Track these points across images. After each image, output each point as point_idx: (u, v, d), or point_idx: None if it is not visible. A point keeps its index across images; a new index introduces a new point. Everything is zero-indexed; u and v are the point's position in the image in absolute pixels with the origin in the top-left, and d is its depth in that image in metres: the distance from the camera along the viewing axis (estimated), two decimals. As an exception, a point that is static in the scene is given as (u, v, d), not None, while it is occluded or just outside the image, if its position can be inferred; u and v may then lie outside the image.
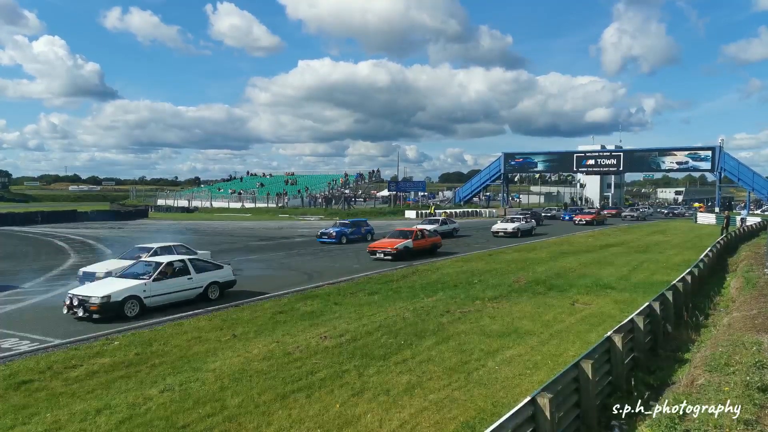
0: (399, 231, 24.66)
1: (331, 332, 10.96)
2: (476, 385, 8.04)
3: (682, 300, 11.58)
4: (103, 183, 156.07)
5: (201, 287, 14.10)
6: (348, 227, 30.10)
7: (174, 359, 9.41)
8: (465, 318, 12.17)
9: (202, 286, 14.12)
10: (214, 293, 14.39)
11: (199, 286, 14.06)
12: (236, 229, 41.58)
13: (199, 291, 14.06)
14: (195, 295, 13.98)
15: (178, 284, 13.55)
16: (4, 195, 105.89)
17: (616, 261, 21.66)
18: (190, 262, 14.20)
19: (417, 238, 23.61)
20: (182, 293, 13.70)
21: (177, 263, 13.98)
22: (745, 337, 8.01)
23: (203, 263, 14.80)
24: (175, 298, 13.49)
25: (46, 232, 37.87)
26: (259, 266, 21.22)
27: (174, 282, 13.47)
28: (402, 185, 67.79)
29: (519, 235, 32.57)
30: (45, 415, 7.13)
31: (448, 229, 33.02)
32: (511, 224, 34.03)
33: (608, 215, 55.14)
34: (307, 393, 7.79)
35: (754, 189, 58.55)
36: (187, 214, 64.11)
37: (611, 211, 61.28)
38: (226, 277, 14.89)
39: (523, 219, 35.99)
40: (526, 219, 36.32)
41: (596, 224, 44.36)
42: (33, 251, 26.59)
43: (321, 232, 30.03)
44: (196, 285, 14.03)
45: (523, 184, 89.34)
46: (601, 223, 46.27)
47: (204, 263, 14.83)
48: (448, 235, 31.75)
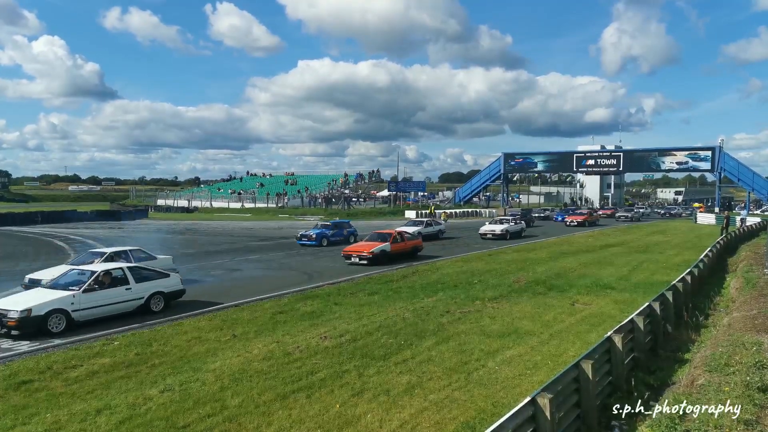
0: (377, 234, 23.42)
1: (331, 332, 10.97)
2: (476, 386, 8.04)
3: (682, 300, 11.58)
4: (103, 183, 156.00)
5: (142, 298, 12.88)
6: (329, 229, 28.94)
7: (174, 359, 9.41)
8: (465, 318, 12.18)
9: (143, 297, 12.90)
10: (157, 305, 13.18)
11: (138, 297, 12.83)
12: (236, 229, 41.58)
13: (139, 303, 12.84)
14: (134, 307, 12.79)
15: (113, 295, 12.30)
16: (4, 195, 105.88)
17: (616, 261, 21.66)
18: (129, 270, 13.03)
19: (396, 241, 22.37)
20: (118, 305, 12.44)
21: (115, 271, 12.76)
22: (745, 337, 8.01)
23: (147, 271, 13.57)
24: (109, 311, 12.24)
25: (45, 232, 37.86)
26: (259, 266, 21.22)
27: (108, 293, 12.22)
28: (402, 185, 67.81)
29: (508, 238, 31.42)
30: (45, 415, 7.13)
31: (433, 231, 31.90)
32: (500, 226, 32.63)
33: (603, 216, 54.22)
34: (307, 393, 7.79)
35: (754, 189, 58.55)
36: (186, 214, 64.10)
37: (606, 212, 60.80)
38: (172, 287, 13.63)
39: (512, 220, 34.76)
40: (515, 220, 35.12)
41: (588, 225, 42.96)
42: (33, 251, 26.60)
43: (301, 234, 28.72)
44: (136, 296, 12.80)
45: (523, 184, 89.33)
46: (593, 224, 44.63)
47: (149, 271, 13.59)
48: (433, 237, 30.92)
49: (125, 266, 13.32)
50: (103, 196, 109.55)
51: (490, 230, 32.12)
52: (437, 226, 32.92)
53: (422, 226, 31.12)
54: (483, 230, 32.50)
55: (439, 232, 32.55)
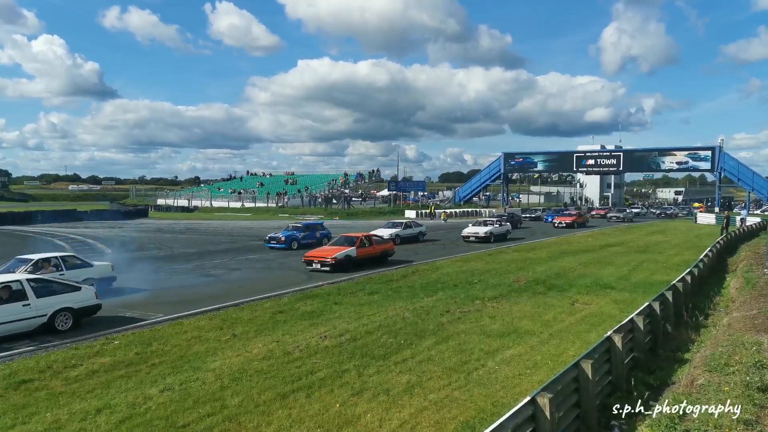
0: (343, 237, 21.66)
1: (331, 332, 10.97)
2: (476, 385, 8.04)
3: (682, 300, 11.59)
4: (103, 182, 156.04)
5: (44, 315, 11.10)
6: (300, 231, 26.88)
7: (174, 359, 9.41)
8: (465, 318, 12.18)
9: (45, 315, 11.12)
10: (64, 323, 11.40)
11: (40, 315, 11.06)
12: (236, 228, 41.58)
13: (41, 321, 11.08)
14: (35, 326, 10.99)
15: (4, 313, 10.56)
16: (4, 194, 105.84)
17: (615, 261, 21.67)
18: (30, 283, 11.21)
19: (362, 246, 20.43)
20: (11, 325, 10.68)
21: (13, 284, 11.05)
22: (745, 337, 8.01)
23: (55, 284, 11.80)
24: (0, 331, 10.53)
25: (46, 232, 37.86)
26: (259, 266, 21.22)
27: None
28: (402, 185, 67.77)
29: (492, 240, 29.40)
30: (45, 414, 7.13)
31: (413, 233, 30.19)
32: (484, 228, 30.82)
33: (595, 216, 52.88)
34: (307, 392, 7.80)
35: (754, 189, 58.53)
36: (186, 213, 64.11)
37: (600, 211, 59.90)
38: (83, 302, 11.83)
39: (497, 222, 32.95)
40: (500, 222, 33.28)
41: (577, 227, 40.71)
42: (33, 251, 26.55)
43: (269, 236, 26.76)
44: (36, 313, 11.00)
45: (523, 184, 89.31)
46: (582, 225, 42.30)
47: (57, 284, 11.83)
48: (413, 240, 29.62)
49: (24, 278, 11.48)
50: (103, 196, 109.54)
51: (473, 233, 30.31)
52: (417, 228, 31.00)
53: (401, 228, 29.80)
54: (466, 232, 30.75)
55: (420, 234, 30.77)
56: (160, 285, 16.84)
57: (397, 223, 31.40)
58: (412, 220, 33.90)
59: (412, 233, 30.29)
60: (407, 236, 29.51)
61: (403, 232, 29.42)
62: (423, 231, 31.31)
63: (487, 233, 29.95)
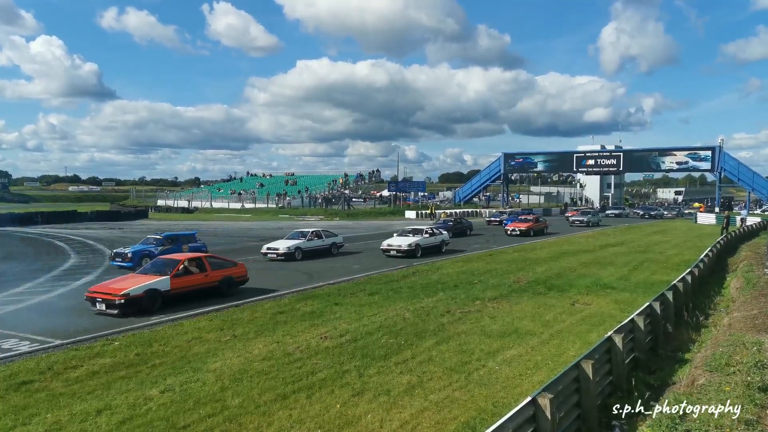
0: (161, 260, 14.99)
1: (332, 332, 10.97)
2: (477, 386, 8.04)
3: (683, 300, 11.60)
4: (103, 183, 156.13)
5: None
6: (157, 245, 20.64)
7: (174, 360, 9.41)
8: (465, 318, 12.18)
9: None
10: None
11: None
12: (236, 229, 41.58)
13: None
14: None
15: None
16: (5, 195, 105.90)
17: (616, 261, 21.67)
18: None
19: (179, 275, 14.00)
20: None
21: None
22: (746, 337, 8.01)
23: None
24: None
25: (46, 233, 37.86)
26: (258, 266, 21.20)
27: None
28: (402, 185, 67.81)
29: (419, 255, 23.47)
30: (45, 415, 7.13)
31: (324, 245, 24.02)
32: (409, 239, 24.16)
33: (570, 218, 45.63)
34: (307, 393, 7.80)
35: (754, 189, 58.54)
36: (187, 214, 64.10)
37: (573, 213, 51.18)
38: None
39: (428, 231, 25.70)
40: (432, 230, 26.12)
41: (534, 234, 33.85)
42: (33, 252, 26.59)
43: (114, 252, 20.72)
44: None
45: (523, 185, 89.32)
46: (540, 232, 35.14)
47: None
48: (324, 253, 23.83)
49: None
50: (103, 197, 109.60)
51: (396, 245, 23.88)
52: (330, 239, 24.68)
53: (305, 239, 23.57)
54: (386, 245, 24.32)
55: (333, 246, 24.56)
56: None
57: (305, 232, 24.44)
58: (323, 230, 25.58)
59: (323, 245, 24.09)
60: (317, 248, 23.60)
61: (309, 244, 23.35)
62: (337, 242, 24.91)
63: (411, 246, 23.61)
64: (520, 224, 35.33)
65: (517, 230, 34.50)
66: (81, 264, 21.92)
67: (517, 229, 34.54)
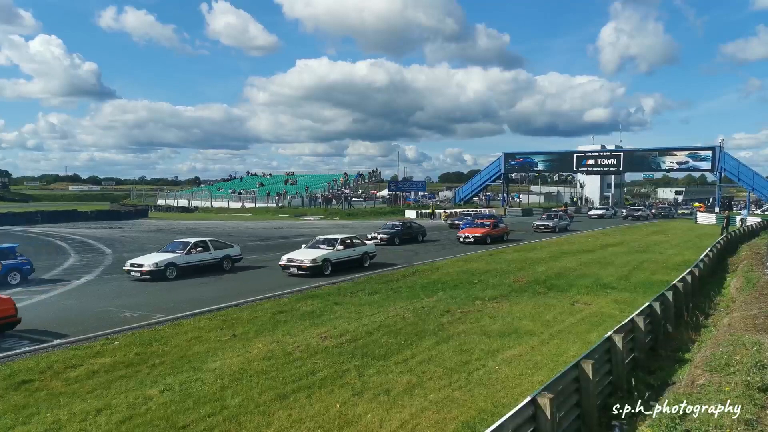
0: None
1: (332, 332, 10.97)
2: (477, 385, 8.04)
3: (683, 300, 11.59)
4: (103, 183, 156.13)
5: None
6: None
7: (174, 359, 9.41)
8: (465, 318, 12.18)
9: None
10: None
11: None
12: (236, 228, 41.56)
13: None
14: None
15: None
16: (5, 195, 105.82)
17: (616, 261, 21.66)
18: None
19: None
20: None
21: None
22: (746, 337, 8.00)
23: None
24: None
25: (46, 232, 37.87)
26: (258, 266, 21.20)
27: None
28: (402, 185, 67.76)
29: (327, 272, 18.55)
30: (45, 414, 7.13)
31: (213, 259, 19.18)
32: (316, 252, 19.05)
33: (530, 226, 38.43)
34: (307, 393, 7.80)
35: (754, 189, 58.49)
36: (187, 213, 64.10)
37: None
38: None
39: (344, 242, 20.04)
40: (351, 241, 20.56)
41: (491, 242, 28.87)
42: (33, 251, 26.55)
43: None
44: None
45: (523, 184, 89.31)
46: (499, 239, 29.96)
47: None
48: (213, 268, 19.07)
49: None
50: (103, 196, 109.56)
51: (297, 261, 18.51)
52: (221, 251, 19.74)
53: (183, 251, 18.46)
54: (285, 260, 18.84)
55: (225, 260, 19.58)
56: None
57: (186, 243, 19.29)
58: (217, 240, 21.06)
59: (208, 260, 19.10)
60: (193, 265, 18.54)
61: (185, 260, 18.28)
62: (233, 255, 20.12)
63: (317, 261, 18.38)
64: (474, 230, 29.96)
65: (470, 237, 28.99)
66: (81, 263, 21.94)
67: (470, 236, 29.04)
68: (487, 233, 29.32)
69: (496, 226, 31.04)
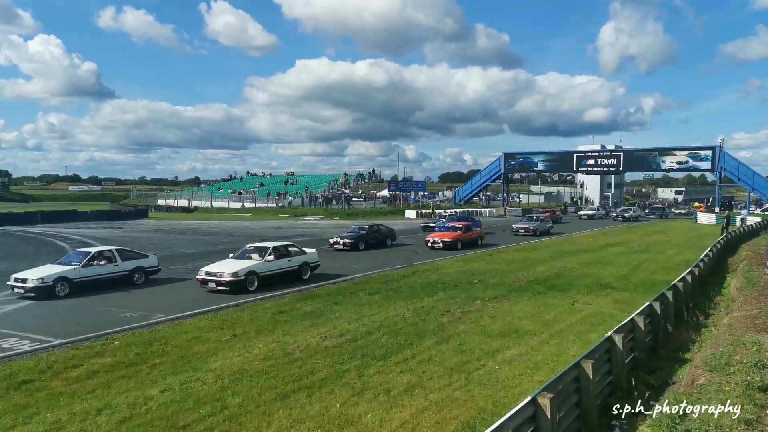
0: None
1: (332, 332, 10.97)
2: (477, 385, 8.04)
3: (683, 300, 11.59)
4: (103, 183, 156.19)
5: None
6: None
7: (174, 359, 9.42)
8: (465, 318, 12.18)
9: None
10: None
11: None
12: (236, 228, 41.56)
13: None
14: None
15: None
16: (5, 195, 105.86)
17: (616, 261, 21.66)
18: None
19: None
20: None
21: None
22: (746, 336, 8.00)
23: None
24: None
25: (46, 232, 37.88)
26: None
27: None
28: (402, 185, 67.74)
29: (253, 287, 15.60)
30: (45, 414, 7.14)
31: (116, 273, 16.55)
32: (240, 263, 16.15)
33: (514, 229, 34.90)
34: (307, 393, 7.80)
35: (755, 189, 58.48)
36: (187, 213, 64.06)
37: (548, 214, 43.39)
38: None
39: (276, 251, 17.08)
40: (287, 250, 17.68)
41: (462, 248, 26.10)
42: (33, 251, 26.59)
43: None
44: None
45: (523, 184, 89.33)
46: (472, 244, 27.37)
47: None
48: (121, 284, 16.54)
49: None
50: (103, 196, 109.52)
51: (215, 274, 15.67)
52: (131, 262, 17.18)
53: (79, 264, 15.98)
54: (203, 273, 15.95)
55: (136, 273, 17.04)
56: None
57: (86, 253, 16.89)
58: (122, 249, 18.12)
59: (112, 273, 16.58)
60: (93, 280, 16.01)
61: (82, 273, 15.80)
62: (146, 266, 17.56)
63: (239, 276, 15.44)
64: (444, 234, 27.30)
65: (439, 242, 26.42)
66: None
67: (439, 241, 26.47)
68: (457, 237, 26.89)
69: (468, 230, 28.49)
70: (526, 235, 33.45)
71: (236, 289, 15.37)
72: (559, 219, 46.03)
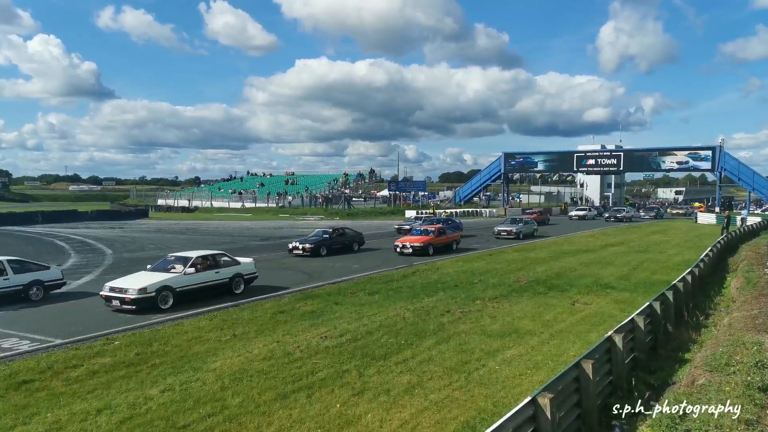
0: None
1: (332, 332, 10.97)
2: (477, 385, 8.04)
3: (683, 300, 11.59)
4: (104, 183, 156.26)
5: None
6: None
7: (174, 359, 9.42)
8: (465, 318, 12.18)
9: None
10: None
11: None
12: (236, 228, 41.56)
13: None
14: None
15: None
16: (5, 195, 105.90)
17: (616, 261, 21.66)
18: None
19: None
20: None
21: None
22: (746, 336, 8.00)
23: None
24: None
25: (46, 232, 37.88)
26: (258, 266, 21.17)
27: None
28: (402, 185, 67.74)
29: (167, 305, 13.35)
30: (45, 414, 7.14)
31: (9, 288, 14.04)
32: (149, 278, 13.66)
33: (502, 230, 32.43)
34: (307, 393, 7.80)
35: (755, 189, 58.47)
36: (187, 213, 64.09)
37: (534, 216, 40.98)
38: None
39: (195, 262, 14.53)
40: (215, 259, 15.31)
41: (433, 253, 24.02)
42: (33, 251, 26.58)
43: None
44: None
45: (523, 184, 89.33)
46: (446, 248, 25.32)
47: None
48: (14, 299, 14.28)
49: None
50: (103, 196, 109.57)
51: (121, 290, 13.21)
52: (29, 275, 14.83)
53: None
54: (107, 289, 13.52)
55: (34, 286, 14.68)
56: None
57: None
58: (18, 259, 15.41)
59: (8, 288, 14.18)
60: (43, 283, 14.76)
61: None
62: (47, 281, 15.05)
63: (149, 292, 13.17)
64: (414, 239, 24.84)
65: (408, 247, 24.00)
66: (81, 264, 21.95)
67: (408, 246, 24.04)
68: (428, 242, 24.40)
69: (442, 233, 25.97)
70: (509, 239, 31.33)
71: (144, 308, 13.05)
72: (547, 220, 44.65)
